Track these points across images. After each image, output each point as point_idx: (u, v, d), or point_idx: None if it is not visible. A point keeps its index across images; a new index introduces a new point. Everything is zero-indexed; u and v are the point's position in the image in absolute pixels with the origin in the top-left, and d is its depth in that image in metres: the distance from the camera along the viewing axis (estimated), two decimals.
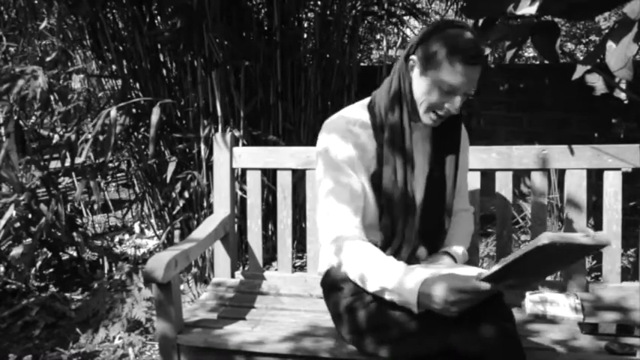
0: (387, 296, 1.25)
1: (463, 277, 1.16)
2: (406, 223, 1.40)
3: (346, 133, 1.39)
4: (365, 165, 1.40)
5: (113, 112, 2.33)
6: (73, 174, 3.28)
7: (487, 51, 1.31)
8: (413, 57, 1.34)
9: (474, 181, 1.80)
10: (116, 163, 3.37)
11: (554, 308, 1.57)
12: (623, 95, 3.06)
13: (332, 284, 1.46)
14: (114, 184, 4.04)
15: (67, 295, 2.69)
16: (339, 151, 1.38)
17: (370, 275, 1.27)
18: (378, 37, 4.26)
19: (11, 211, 2.59)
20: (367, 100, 1.47)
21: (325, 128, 1.43)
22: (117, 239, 3.41)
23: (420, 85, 1.34)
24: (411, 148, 1.39)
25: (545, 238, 0.98)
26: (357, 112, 1.44)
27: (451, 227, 1.54)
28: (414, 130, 1.43)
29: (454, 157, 1.45)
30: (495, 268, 1.09)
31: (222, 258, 1.96)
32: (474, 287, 1.13)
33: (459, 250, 1.50)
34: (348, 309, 1.38)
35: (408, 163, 1.38)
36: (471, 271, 1.26)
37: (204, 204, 2.62)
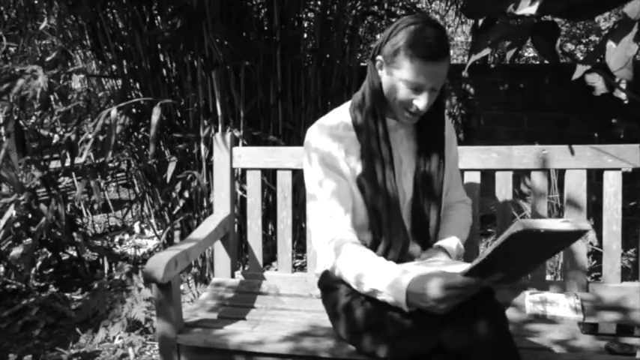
0: (379, 297, 1.26)
1: (450, 273, 1.16)
2: (392, 220, 1.40)
3: (331, 136, 1.41)
4: (351, 167, 1.41)
5: (113, 112, 2.33)
6: (73, 174, 3.28)
7: (487, 51, 1.31)
8: (379, 57, 1.35)
9: (474, 181, 1.80)
10: (116, 163, 3.37)
11: (554, 308, 1.57)
12: (623, 95, 3.06)
13: (329, 285, 1.47)
14: (114, 184, 4.04)
15: (67, 295, 2.69)
16: (325, 155, 1.40)
17: (362, 278, 1.28)
18: (378, 37, 4.26)
19: (11, 211, 2.59)
20: (350, 102, 1.48)
21: (310, 133, 1.45)
22: (117, 239, 3.41)
23: (387, 84, 1.34)
24: (390, 146, 1.39)
25: (519, 225, 0.96)
26: (340, 114, 1.46)
27: (446, 220, 1.55)
28: (397, 128, 1.44)
29: (439, 152, 1.46)
30: (477, 260, 1.08)
31: (222, 258, 1.96)
32: (460, 283, 1.13)
33: (452, 243, 1.50)
34: (346, 309, 1.38)
35: (390, 161, 1.39)
36: (463, 267, 1.27)
37: (204, 204, 2.62)
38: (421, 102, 1.31)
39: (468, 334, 1.16)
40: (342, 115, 1.45)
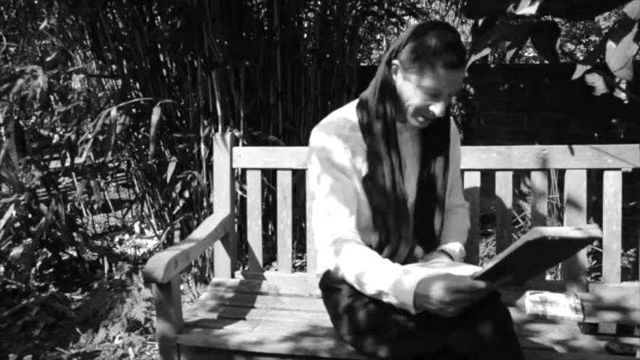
0: (385, 299, 1.25)
1: (458, 276, 1.16)
2: (400, 223, 1.40)
3: (337, 136, 1.40)
4: (357, 167, 1.40)
5: (113, 112, 2.33)
6: (73, 174, 3.28)
7: (487, 51, 1.31)
8: (395, 61, 1.33)
9: (474, 181, 1.80)
10: (116, 163, 3.38)
11: (554, 308, 1.57)
12: (623, 95, 3.06)
13: (331, 285, 1.46)
14: (114, 184, 4.04)
15: (67, 295, 2.69)
16: (331, 155, 1.39)
17: (367, 279, 1.27)
18: (378, 37, 4.26)
19: (11, 211, 2.59)
20: (356, 101, 1.47)
21: (316, 132, 1.43)
22: (117, 239, 3.41)
23: (403, 90, 1.33)
24: (398, 150, 1.39)
25: (535, 233, 0.97)
26: (346, 114, 1.45)
27: (446, 224, 1.54)
28: (402, 131, 1.43)
29: (444, 156, 1.45)
30: (489, 265, 1.09)
31: (222, 258, 1.96)
32: (470, 286, 1.13)
33: (455, 247, 1.50)
34: (348, 309, 1.38)
35: (396, 164, 1.38)
36: (469, 269, 1.26)
37: (204, 204, 2.62)
38: (438, 108, 1.31)
39: (474, 336, 1.16)
40: (348, 114, 1.44)
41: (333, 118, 1.45)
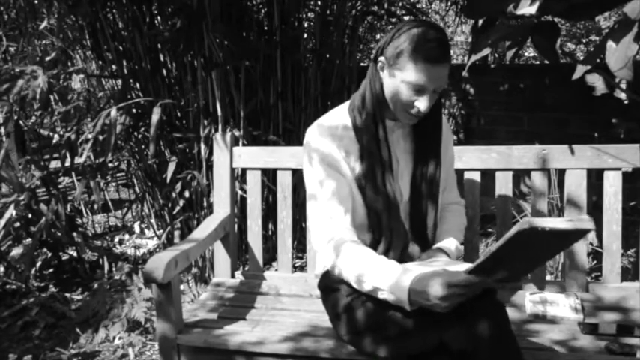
0: (381, 295, 1.26)
1: (453, 272, 1.17)
2: (392, 221, 1.41)
3: (331, 136, 1.41)
4: (350, 167, 1.42)
5: (113, 112, 2.33)
6: (73, 174, 3.28)
7: (487, 51, 1.31)
8: (381, 58, 1.35)
9: (474, 181, 1.80)
10: (116, 163, 3.37)
11: (554, 308, 1.58)
12: (623, 95, 3.06)
13: (329, 285, 1.47)
14: (114, 184, 4.04)
15: (67, 295, 2.69)
16: (325, 155, 1.41)
17: (364, 276, 1.28)
18: (378, 37, 4.26)
19: (11, 211, 2.59)
20: (349, 102, 1.49)
21: (310, 133, 1.45)
22: (117, 239, 3.41)
23: (389, 86, 1.35)
24: (389, 147, 1.40)
25: (525, 224, 0.97)
26: (339, 114, 1.47)
27: (443, 222, 1.55)
28: (394, 129, 1.45)
29: (436, 153, 1.46)
30: (481, 258, 1.09)
31: (222, 258, 1.96)
32: (464, 280, 1.13)
33: (451, 244, 1.51)
34: (346, 309, 1.38)
35: (388, 162, 1.40)
36: (464, 267, 1.27)
37: (204, 204, 2.62)
38: (422, 104, 1.32)
39: (471, 333, 1.17)
40: (341, 115, 1.46)
41: (326, 119, 1.47)
